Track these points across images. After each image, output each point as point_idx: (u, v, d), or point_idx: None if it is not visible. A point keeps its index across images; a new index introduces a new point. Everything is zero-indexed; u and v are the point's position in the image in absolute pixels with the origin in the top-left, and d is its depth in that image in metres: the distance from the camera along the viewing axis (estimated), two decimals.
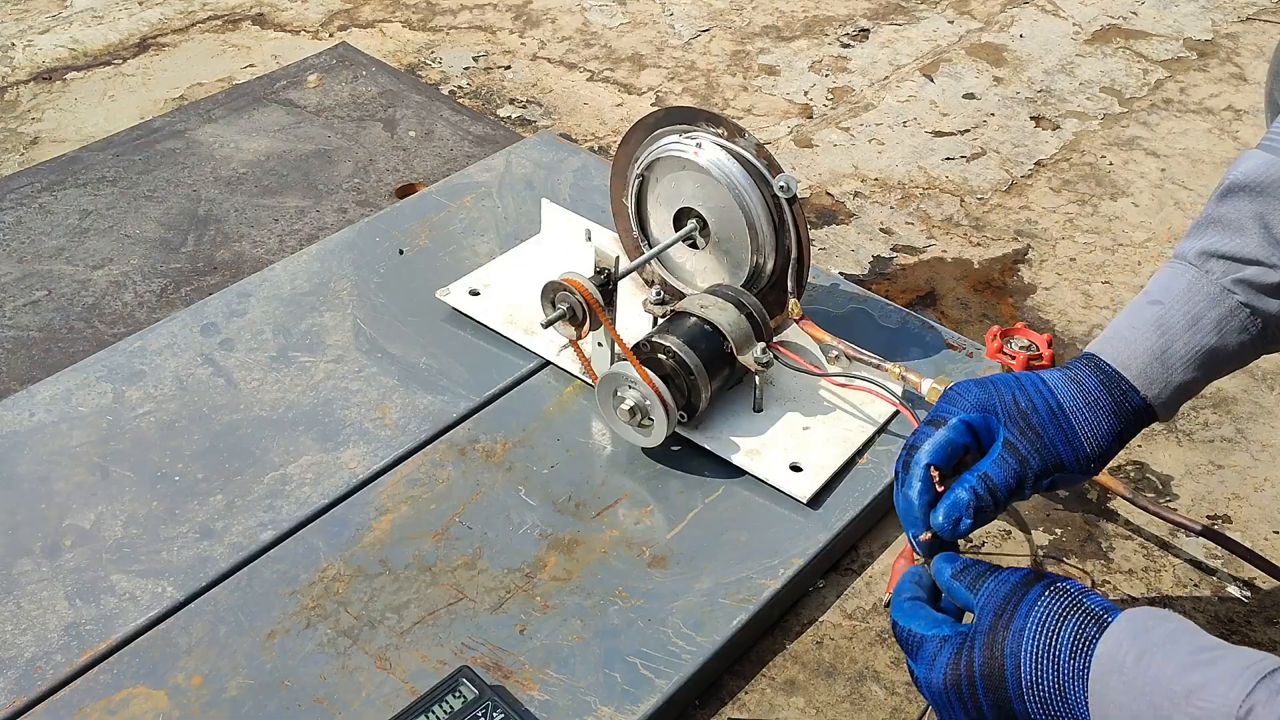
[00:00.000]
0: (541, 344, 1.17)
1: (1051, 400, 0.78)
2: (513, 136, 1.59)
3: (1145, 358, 0.79)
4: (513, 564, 0.98)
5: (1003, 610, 0.68)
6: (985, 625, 0.68)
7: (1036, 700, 0.65)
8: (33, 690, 0.89)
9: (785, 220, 1.09)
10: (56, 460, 1.07)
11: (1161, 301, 0.80)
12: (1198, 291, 0.79)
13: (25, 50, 1.80)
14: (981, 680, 0.67)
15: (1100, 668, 0.63)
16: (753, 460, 1.06)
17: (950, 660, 0.69)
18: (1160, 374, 0.79)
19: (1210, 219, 0.80)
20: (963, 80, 1.75)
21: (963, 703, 0.68)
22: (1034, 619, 0.66)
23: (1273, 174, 0.78)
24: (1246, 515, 1.10)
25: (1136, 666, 0.61)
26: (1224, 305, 0.79)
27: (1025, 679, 0.66)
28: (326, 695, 0.89)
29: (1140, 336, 0.79)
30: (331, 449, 1.08)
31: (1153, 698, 0.60)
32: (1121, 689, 0.61)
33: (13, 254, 1.37)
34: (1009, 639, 0.67)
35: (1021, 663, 0.66)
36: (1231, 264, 0.78)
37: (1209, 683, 0.58)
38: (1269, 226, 0.78)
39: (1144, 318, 0.80)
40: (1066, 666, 0.64)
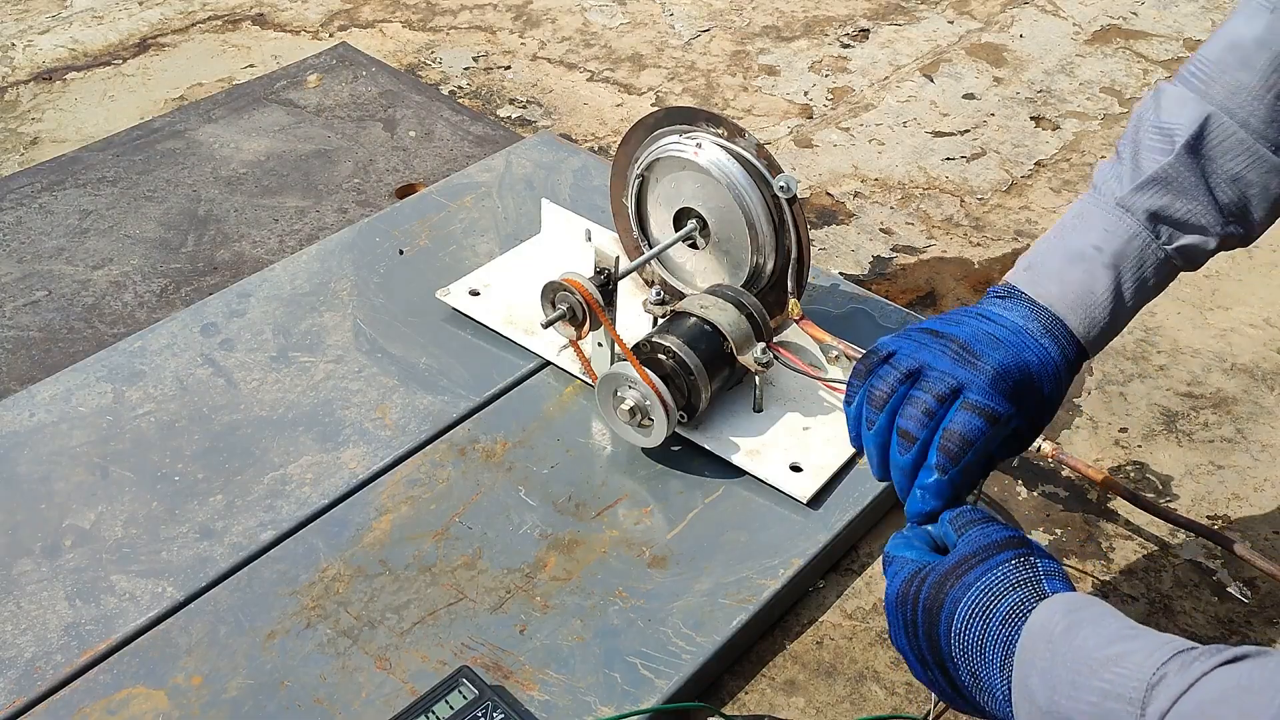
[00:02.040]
0: (541, 344, 1.17)
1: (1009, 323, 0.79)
2: (513, 136, 1.59)
3: (1103, 324, 0.80)
4: (513, 564, 0.98)
5: (966, 560, 0.70)
6: (946, 565, 0.71)
7: (960, 648, 0.68)
8: (33, 690, 0.89)
9: (785, 220, 1.09)
10: (56, 460, 1.07)
11: (1116, 266, 0.80)
12: (1148, 257, 0.81)
13: (25, 50, 1.80)
14: (923, 607, 0.70)
15: (1029, 638, 0.65)
16: (753, 460, 1.06)
17: (905, 579, 0.72)
18: (1101, 339, 0.81)
19: (1161, 178, 0.80)
20: (963, 80, 1.75)
21: (904, 620, 0.71)
22: (985, 581, 0.68)
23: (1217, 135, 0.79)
24: (1246, 515, 1.10)
25: (1064, 637, 0.63)
26: (1163, 271, 0.81)
27: (956, 626, 0.68)
28: (326, 695, 0.89)
29: (1101, 305, 0.80)
30: (331, 449, 1.08)
31: (1072, 665, 0.61)
32: (1046, 656, 0.63)
33: (13, 254, 1.37)
34: (956, 587, 0.69)
35: (956, 613, 0.68)
36: (1177, 230, 0.80)
37: (1127, 654, 0.60)
38: (1213, 191, 0.80)
39: (1102, 282, 0.80)
40: (995, 630, 0.66)
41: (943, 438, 0.74)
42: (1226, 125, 0.79)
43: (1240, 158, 0.79)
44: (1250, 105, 0.79)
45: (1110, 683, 0.59)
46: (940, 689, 0.71)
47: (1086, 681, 0.60)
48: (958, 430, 0.74)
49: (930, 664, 0.70)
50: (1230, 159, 0.79)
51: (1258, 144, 0.79)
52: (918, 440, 0.75)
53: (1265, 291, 1.37)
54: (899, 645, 0.73)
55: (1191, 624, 1.00)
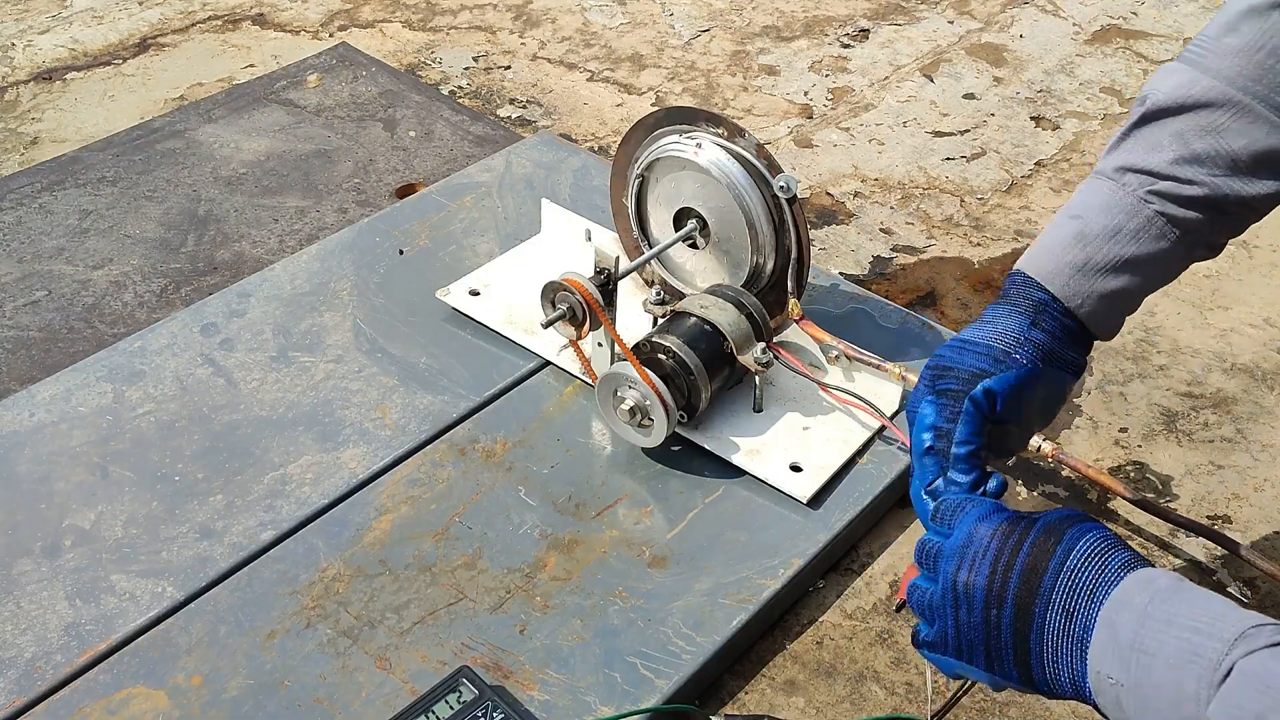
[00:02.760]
0: (541, 344, 1.17)
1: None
2: (513, 136, 1.59)
3: (1067, 270, 0.81)
4: (513, 564, 0.98)
5: (1068, 519, 0.70)
6: (1049, 519, 0.70)
7: (1068, 583, 0.67)
8: (33, 690, 0.89)
9: (785, 220, 1.09)
10: (56, 460, 1.07)
11: (1081, 216, 0.81)
12: (1115, 204, 0.81)
13: (25, 50, 1.80)
14: (1030, 545, 0.69)
15: (1133, 581, 0.66)
16: (753, 460, 1.06)
17: (1010, 519, 0.71)
18: (1081, 285, 0.81)
19: (1126, 137, 0.82)
20: (963, 80, 1.75)
21: (999, 551, 0.69)
22: (1100, 533, 0.69)
23: (1194, 92, 0.79)
24: (1246, 515, 1.10)
25: (1167, 590, 0.64)
26: (1141, 215, 0.80)
27: (1073, 561, 0.67)
28: (326, 695, 0.89)
29: (1062, 250, 0.81)
30: (331, 449, 1.08)
31: (1170, 609, 0.63)
32: (1145, 598, 0.64)
33: (13, 254, 1.37)
34: (1070, 532, 0.69)
35: (1077, 547, 0.67)
36: (1147, 177, 0.80)
37: (1226, 611, 0.61)
38: (1187, 143, 0.79)
39: (1065, 232, 0.82)
40: (1112, 571, 0.66)
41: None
42: (1210, 83, 0.79)
43: (1225, 110, 0.78)
44: (1239, 64, 0.78)
45: (1206, 625, 0.61)
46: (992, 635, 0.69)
47: (1182, 620, 0.62)
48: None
49: (1008, 602, 0.68)
50: (1212, 112, 0.79)
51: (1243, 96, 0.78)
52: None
53: (1265, 291, 1.37)
54: (969, 580, 0.70)
55: None
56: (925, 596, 0.73)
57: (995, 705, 0.93)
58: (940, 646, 0.72)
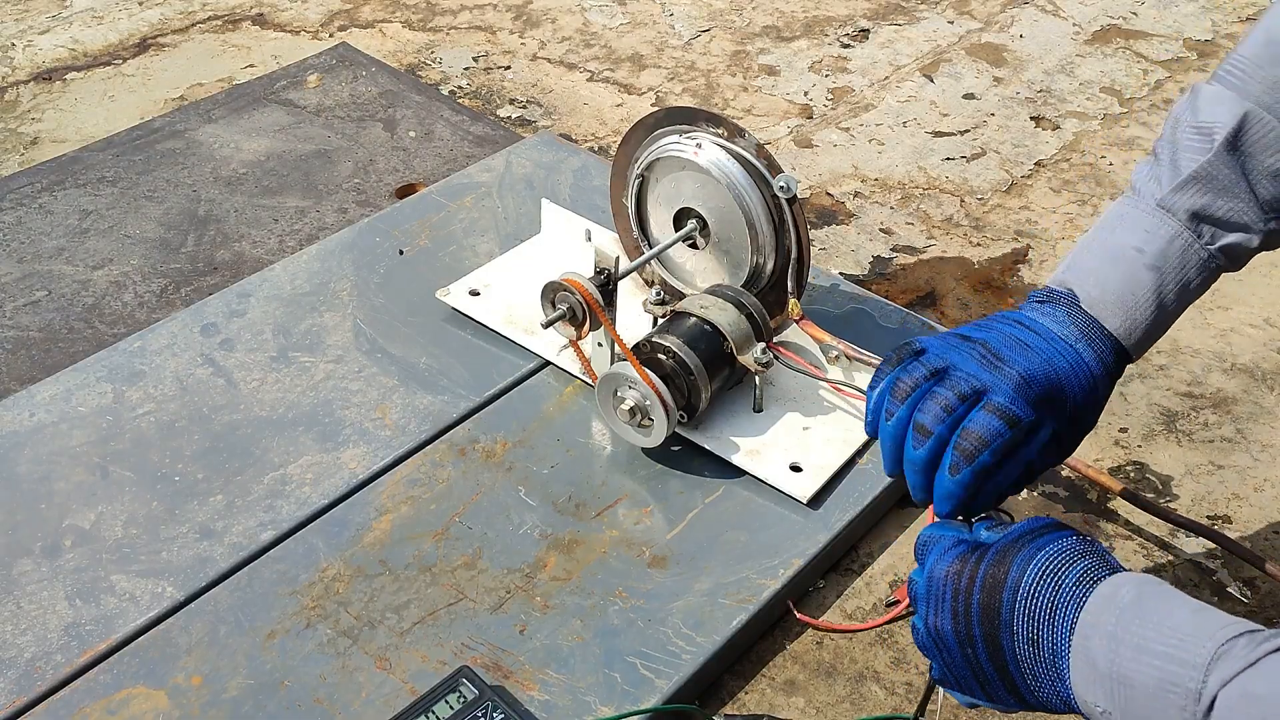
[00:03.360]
0: (541, 344, 1.17)
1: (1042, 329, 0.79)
2: (513, 136, 1.59)
3: (1145, 326, 0.79)
4: (513, 564, 0.98)
5: (1027, 534, 0.69)
6: (1005, 541, 0.70)
7: (1025, 613, 0.66)
8: (33, 690, 0.89)
9: (785, 220, 1.09)
10: (56, 460, 1.07)
11: (1159, 268, 0.79)
12: (1190, 258, 0.80)
13: (25, 50, 1.80)
14: (983, 579, 0.68)
15: (1098, 600, 0.65)
16: (753, 460, 1.06)
17: (960, 556, 0.70)
18: (1146, 336, 0.80)
19: (1202, 176, 0.79)
20: (963, 80, 1.75)
21: (955, 594, 0.69)
22: (1053, 548, 0.68)
23: (1257, 132, 0.78)
24: (1246, 515, 1.10)
25: (1132, 606, 0.63)
26: (1208, 269, 0.80)
27: (1024, 590, 0.67)
28: (326, 695, 0.89)
29: (1143, 305, 0.79)
30: (331, 449, 1.08)
31: (1139, 631, 0.62)
32: (1112, 621, 0.63)
33: (13, 254, 1.37)
34: (1022, 554, 0.68)
35: (1026, 574, 0.67)
36: (1219, 230, 0.79)
37: (1196, 624, 0.61)
38: (1254, 189, 0.79)
39: (1143, 283, 0.79)
40: (1068, 591, 0.66)
41: (960, 436, 0.73)
42: (1266, 120, 0.78)
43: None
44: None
45: (1176, 648, 0.60)
46: (976, 671, 0.69)
47: (1152, 646, 0.61)
48: (976, 431, 0.73)
49: (977, 639, 0.68)
50: (1270, 155, 0.78)
51: None
52: (933, 435, 0.74)
53: (1265, 291, 1.37)
54: (935, 627, 0.70)
55: None
56: (918, 638, 0.73)
57: None
58: (945, 682, 0.73)
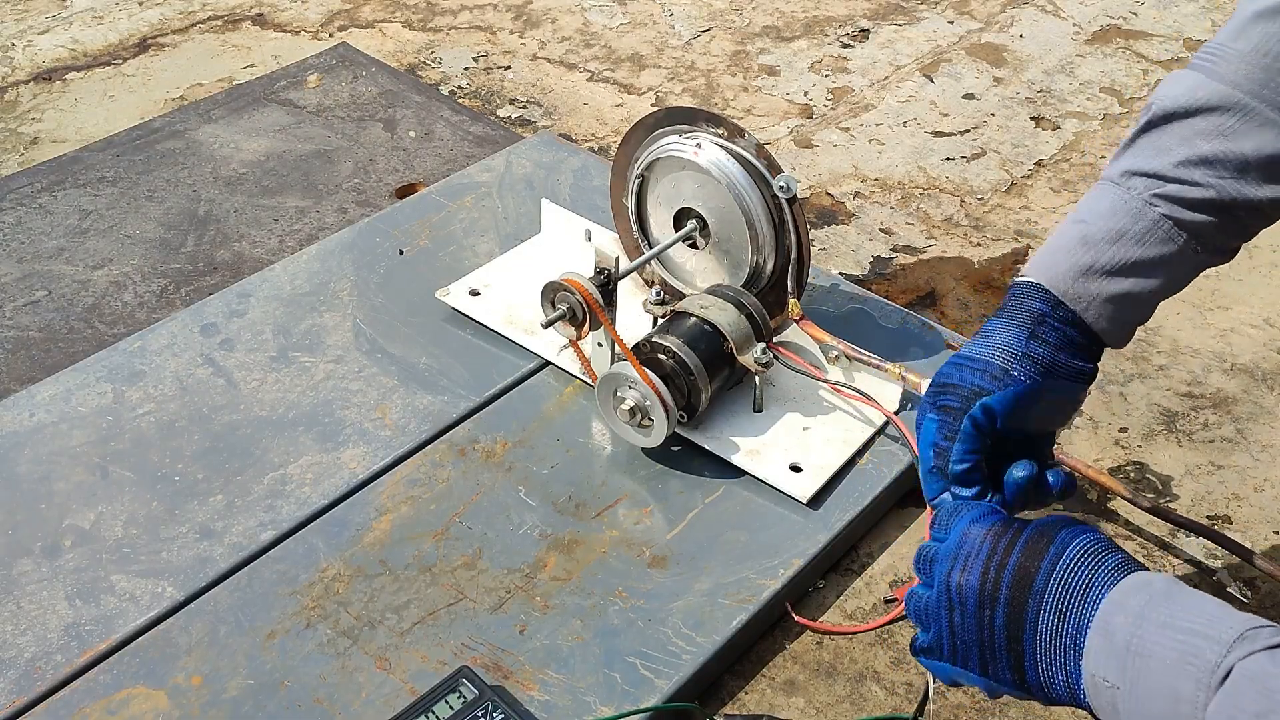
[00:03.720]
0: (541, 344, 1.17)
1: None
2: (513, 136, 1.59)
3: (1071, 274, 0.80)
4: (513, 564, 0.98)
5: (1055, 525, 0.70)
6: (1048, 520, 0.70)
7: (1060, 585, 0.67)
8: (33, 690, 0.89)
9: (785, 220, 1.09)
10: (56, 460, 1.07)
11: (1086, 220, 0.81)
12: (1120, 207, 0.80)
13: (25, 50, 1.80)
14: (1024, 544, 0.69)
15: (1129, 584, 0.66)
16: (753, 460, 1.06)
17: (1002, 521, 0.71)
18: (1085, 288, 0.80)
19: (1133, 142, 0.82)
20: (963, 80, 1.75)
21: (991, 553, 0.70)
22: (1093, 537, 0.69)
23: (1200, 96, 0.79)
24: (1246, 515, 1.10)
25: (1163, 592, 0.64)
26: (1146, 219, 0.80)
27: (1064, 562, 0.67)
28: (326, 695, 0.89)
29: (1065, 253, 0.81)
30: (331, 449, 1.08)
31: (1167, 611, 0.63)
32: (1142, 600, 0.64)
33: (13, 254, 1.37)
34: (1066, 532, 0.69)
35: (1069, 549, 0.68)
36: (1153, 180, 0.80)
37: (1223, 613, 0.62)
38: (1195, 146, 0.79)
39: (1069, 236, 0.82)
40: (1106, 572, 0.66)
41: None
42: (1218, 87, 0.78)
43: (1233, 114, 0.78)
44: (1247, 68, 0.78)
45: (1204, 626, 0.61)
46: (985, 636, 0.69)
47: (1178, 623, 0.61)
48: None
49: (1000, 602, 0.68)
50: (1220, 116, 0.78)
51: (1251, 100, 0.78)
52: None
53: (1265, 291, 1.37)
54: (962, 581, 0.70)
55: None
56: (921, 602, 0.73)
57: (996, 705, 0.93)
58: (936, 652, 0.72)
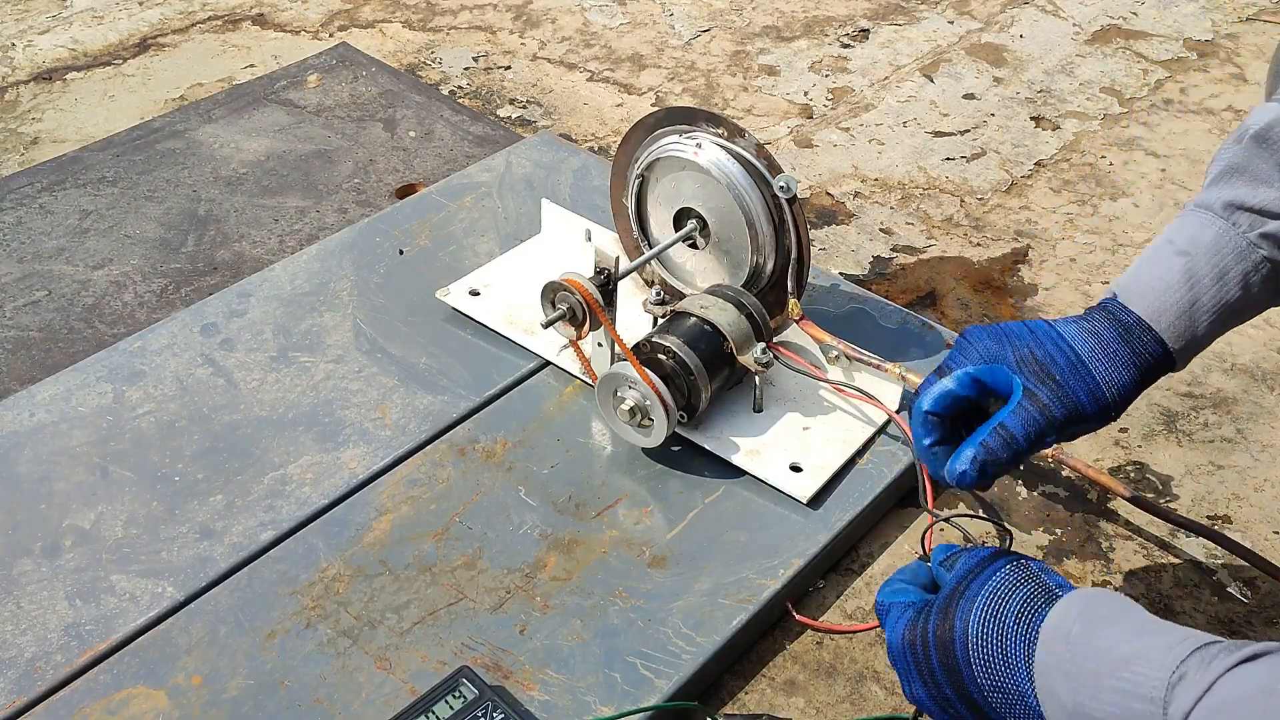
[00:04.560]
0: (541, 344, 1.17)
1: (1070, 352, 0.79)
2: (513, 136, 1.59)
3: (1175, 311, 0.79)
4: (513, 564, 0.98)
5: (964, 580, 0.71)
6: (945, 593, 0.72)
7: (981, 662, 0.68)
8: (33, 690, 0.89)
9: (785, 220, 1.09)
10: (56, 460, 1.07)
11: (1189, 253, 0.79)
12: (1225, 244, 0.79)
13: (25, 50, 1.80)
14: (935, 641, 0.70)
15: (1048, 634, 0.65)
16: (753, 460, 1.06)
17: (909, 623, 0.73)
18: (1187, 328, 0.79)
19: (1234, 168, 0.80)
20: (963, 80, 1.75)
21: (916, 662, 0.71)
22: (988, 588, 0.69)
23: None
24: (1246, 515, 1.10)
25: (1083, 634, 0.64)
26: (1250, 259, 0.79)
27: (972, 641, 0.68)
28: (326, 695, 0.89)
29: (1170, 289, 0.79)
30: (331, 449, 1.08)
31: (1094, 665, 0.62)
32: (1067, 657, 0.64)
33: (13, 254, 1.37)
34: (962, 604, 0.70)
35: (970, 625, 0.68)
36: (1258, 217, 0.78)
37: (1147, 650, 0.60)
38: None
39: (1173, 269, 0.80)
40: (1012, 630, 0.67)
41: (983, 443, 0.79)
42: None
43: None
44: None
45: (1132, 682, 0.59)
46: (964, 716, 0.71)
47: (1108, 682, 0.60)
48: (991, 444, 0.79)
49: (953, 700, 0.70)
50: None
51: None
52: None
53: None
54: (914, 695, 0.73)
55: (1191, 624, 1.00)
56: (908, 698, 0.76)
57: None
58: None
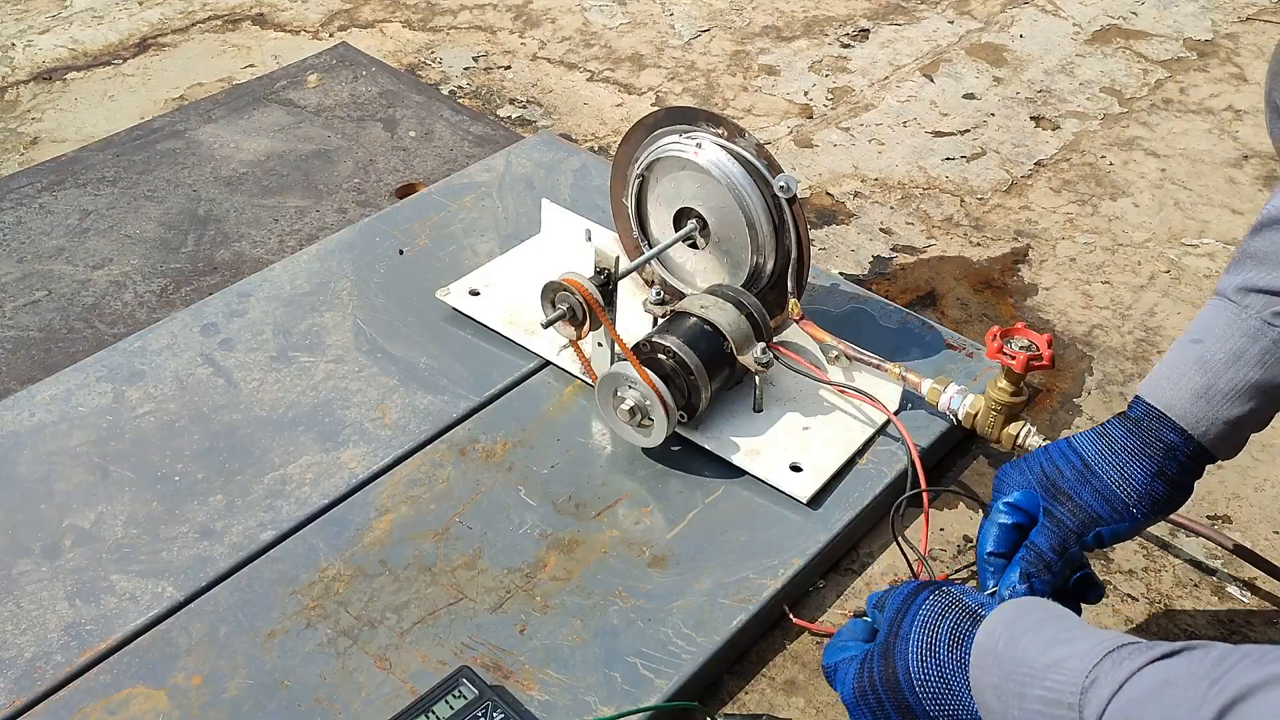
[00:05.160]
0: (541, 344, 1.17)
1: (1076, 461, 0.82)
2: (513, 136, 1.59)
3: (1189, 397, 0.80)
4: (513, 564, 0.98)
5: (895, 621, 0.75)
6: (881, 638, 0.75)
7: (928, 696, 0.71)
8: (33, 690, 0.89)
9: (785, 220, 1.09)
10: (56, 460, 1.07)
11: (1202, 340, 0.81)
12: (1236, 327, 0.80)
13: (25, 50, 1.80)
14: (882, 685, 0.74)
15: (977, 654, 0.68)
16: (753, 460, 1.06)
17: (855, 675, 0.77)
18: (1205, 411, 0.80)
19: (1246, 254, 0.81)
20: (963, 80, 1.75)
21: (872, 709, 0.75)
22: (917, 623, 0.73)
23: None
24: (1246, 515, 1.10)
25: (1007, 648, 0.66)
26: (1265, 339, 0.79)
27: (915, 678, 0.71)
28: (326, 695, 0.89)
29: (1183, 376, 0.81)
30: (331, 449, 1.08)
31: (1017, 675, 0.64)
32: (994, 670, 0.66)
33: (13, 254, 1.37)
34: (899, 645, 0.73)
35: (910, 663, 0.72)
36: (1270, 298, 0.79)
37: (1065, 658, 0.63)
38: None
39: (1186, 357, 0.81)
40: (945, 659, 0.70)
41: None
42: None
43: None
44: None
45: (1050, 689, 0.62)
46: None
47: (1030, 690, 0.63)
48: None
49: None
50: None
51: None
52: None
53: None
54: None
55: (1192, 624, 1.00)
56: None
57: None
58: None
